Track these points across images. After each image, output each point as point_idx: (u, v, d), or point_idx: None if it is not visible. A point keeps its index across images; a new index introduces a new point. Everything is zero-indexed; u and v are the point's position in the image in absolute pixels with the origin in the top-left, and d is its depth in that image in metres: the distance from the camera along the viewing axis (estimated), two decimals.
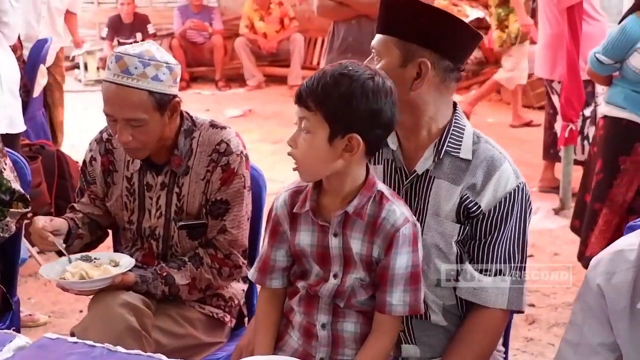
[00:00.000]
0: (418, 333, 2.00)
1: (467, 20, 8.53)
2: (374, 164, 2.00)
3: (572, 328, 1.83)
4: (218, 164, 2.27)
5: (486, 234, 1.92)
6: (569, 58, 4.69)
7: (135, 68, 2.13)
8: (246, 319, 2.54)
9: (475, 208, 1.90)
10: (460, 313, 2.01)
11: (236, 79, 9.94)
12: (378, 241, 1.79)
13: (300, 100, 1.74)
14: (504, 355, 2.18)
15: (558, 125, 5.08)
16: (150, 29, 9.68)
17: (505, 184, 1.90)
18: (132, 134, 2.17)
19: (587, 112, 5.10)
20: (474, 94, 7.71)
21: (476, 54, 8.76)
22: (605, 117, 3.96)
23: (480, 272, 1.93)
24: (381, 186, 1.83)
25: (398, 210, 1.80)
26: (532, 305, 3.84)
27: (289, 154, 1.77)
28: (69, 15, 6.16)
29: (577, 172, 4.88)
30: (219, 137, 2.30)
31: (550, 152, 5.44)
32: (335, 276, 1.84)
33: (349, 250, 1.81)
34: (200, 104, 8.60)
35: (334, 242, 1.82)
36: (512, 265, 1.93)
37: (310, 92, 1.72)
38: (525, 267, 1.98)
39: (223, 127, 2.34)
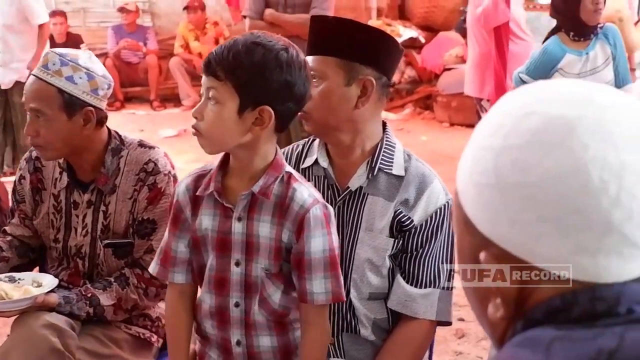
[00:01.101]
0: (347, 347, 2.03)
1: (400, 40, 8.68)
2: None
3: None
4: (145, 183, 2.26)
5: (417, 247, 1.97)
6: (497, 77, 4.82)
7: (54, 64, 2.17)
8: None
9: (408, 222, 1.95)
10: (389, 328, 2.04)
11: (171, 99, 9.89)
12: (287, 224, 1.73)
13: (208, 69, 1.65)
14: None
15: None
16: (84, 49, 9.58)
17: (436, 199, 1.96)
18: (37, 129, 2.19)
19: None
20: None
21: (410, 72, 8.90)
22: None
23: (411, 284, 1.98)
24: (289, 168, 1.79)
25: (306, 191, 1.74)
26: (461, 319, 3.90)
27: (193, 126, 1.68)
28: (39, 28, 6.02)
29: None
30: (146, 156, 2.29)
31: None
32: (237, 264, 1.77)
33: (252, 237, 1.75)
34: (134, 124, 8.53)
35: (237, 227, 1.75)
36: (441, 277, 1.99)
37: (220, 60, 1.63)
38: (452, 279, 2.03)
39: (151, 147, 2.33)
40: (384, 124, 2.03)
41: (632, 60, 5.56)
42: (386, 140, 1.99)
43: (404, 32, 8.89)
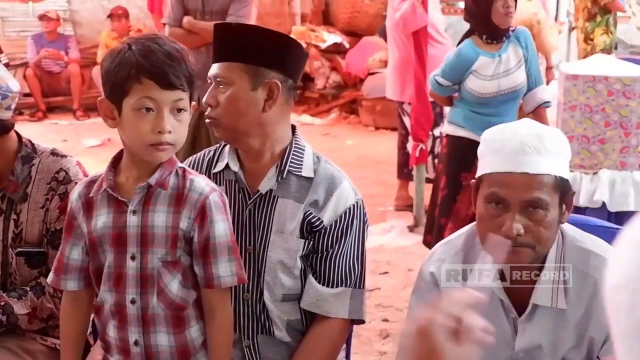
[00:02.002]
0: (262, 349, 2.05)
1: (324, 45, 8.75)
2: (217, 185, 2.05)
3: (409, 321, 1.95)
4: (57, 192, 2.24)
5: (327, 248, 2.01)
6: (417, 80, 4.88)
7: None
8: (92, 348, 2.50)
9: (318, 223, 1.99)
10: (303, 329, 2.07)
11: (95, 108, 9.53)
12: (185, 211, 1.80)
13: None
14: None
15: (410, 145, 5.26)
16: (3, 59, 9.38)
17: (346, 200, 2.01)
18: None
19: (437, 132, 5.30)
20: None
21: (335, 77, 8.96)
22: (447, 135, 4.15)
23: (323, 283, 2.01)
24: (181, 164, 1.86)
25: (202, 181, 1.84)
26: (386, 320, 3.96)
27: None
28: None
29: (430, 190, 5.08)
30: (58, 165, 2.27)
31: (404, 171, 5.62)
32: (133, 258, 1.81)
33: (147, 228, 1.80)
34: (57, 134, 8.39)
35: (132, 221, 1.80)
36: (353, 276, 2.03)
37: None
38: (364, 278, 2.08)
39: (63, 156, 2.31)
40: (294, 128, 2.08)
41: (549, 61, 5.72)
42: (295, 143, 2.03)
43: (328, 38, 8.95)
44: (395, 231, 5.21)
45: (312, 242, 2.02)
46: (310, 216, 1.99)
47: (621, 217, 3.36)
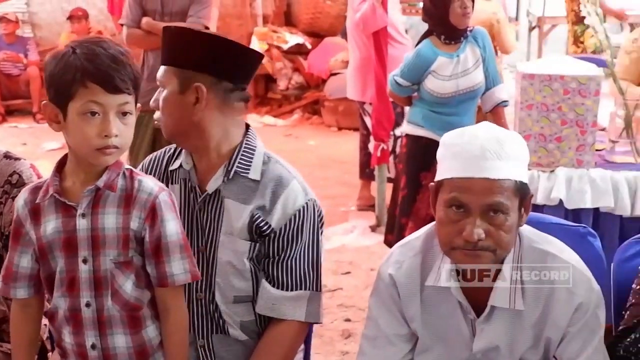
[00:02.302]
0: (217, 348, 2.05)
1: (286, 47, 8.74)
2: (172, 183, 2.05)
3: (369, 323, 1.97)
4: (10, 195, 2.21)
5: (279, 251, 1.99)
6: (377, 80, 4.91)
7: None
8: (50, 353, 2.48)
9: (266, 227, 1.98)
10: (258, 329, 2.07)
11: None
12: (135, 211, 1.81)
13: None
14: None
15: (371, 146, 5.27)
16: None
17: (294, 201, 1.99)
18: None
19: (398, 132, 5.32)
20: None
21: (297, 78, 8.95)
22: (407, 135, 4.18)
23: (278, 287, 2.00)
24: (128, 165, 1.87)
25: (151, 181, 1.86)
26: (348, 320, 3.97)
27: None
28: None
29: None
30: (11, 168, 2.24)
31: (366, 171, 5.64)
32: (84, 261, 1.81)
33: (98, 231, 1.80)
34: (16, 138, 8.28)
35: (82, 224, 1.80)
36: (309, 279, 2.02)
37: None
38: (321, 280, 2.07)
39: (17, 159, 2.29)
40: (248, 127, 2.06)
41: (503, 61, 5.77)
42: (246, 143, 2.02)
43: (290, 39, 8.94)
44: (358, 231, 5.23)
45: (262, 246, 2.01)
46: (259, 220, 1.98)
47: (578, 214, 3.39)
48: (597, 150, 3.54)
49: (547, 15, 8.83)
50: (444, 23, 3.91)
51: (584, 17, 4.63)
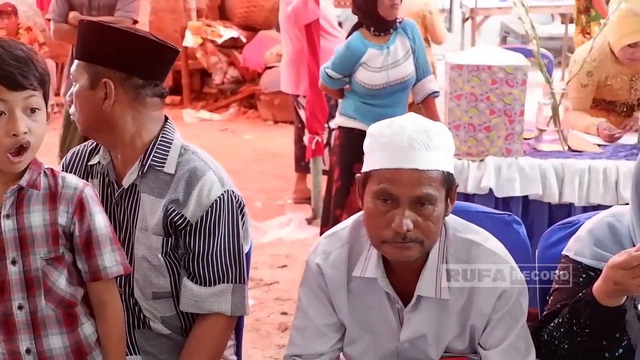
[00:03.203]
0: (141, 342, 2.03)
1: (221, 40, 8.67)
2: (91, 177, 2.03)
3: (298, 314, 1.98)
4: None
5: (199, 245, 1.96)
6: (310, 73, 4.90)
7: None
8: None
9: (181, 220, 1.95)
10: (182, 323, 2.05)
11: None
12: (62, 207, 1.79)
13: None
14: None
15: (306, 138, 5.27)
16: None
17: (209, 193, 1.96)
18: None
19: (332, 124, 5.33)
20: None
21: (232, 72, 8.89)
22: (340, 127, 4.19)
23: (200, 283, 1.98)
24: (48, 165, 1.84)
25: (73, 178, 1.84)
26: (284, 313, 3.97)
27: None
28: None
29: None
30: None
31: (302, 164, 5.64)
32: (13, 262, 1.77)
33: (24, 230, 1.77)
34: None
35: (7, 225, 1.76)
36: (231, 272, 2.00)
37: None
38: (244, 272, 2.04)
39: None
40: (166, 120, 2.04)
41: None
42: (162, 137, 2.00)
43: (224, 33, 8.87)
44: (294, 224, 5.23)
45: (175, 241, 1.97)
46: (173, 214, 1.95)
47: (508, 203, 3.45)
48: (525, 139, 3.60)
49: (479, 6, 8.92)
50: (373, 15, 3.93)
51: (588, 8, 4.68)
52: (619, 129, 3.75)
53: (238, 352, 2.28)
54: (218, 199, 1.96)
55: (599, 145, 3.65)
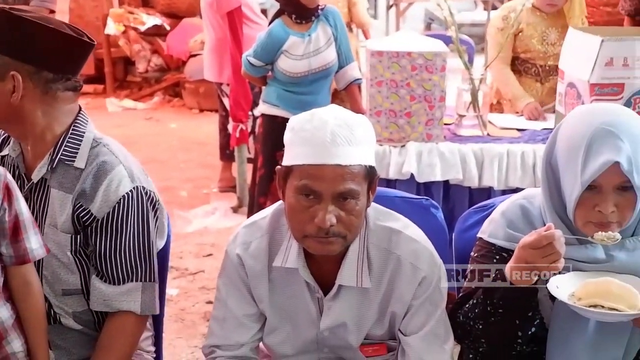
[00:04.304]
0: (53, 337, 1.97)
1: (143, 28, 8.55)
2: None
3: (218, 304, 1.97)
4: None
5: (106, 242, 1.91)
6: (233, 61, 4.87)
7: None
8: None
9: (88, 216, 1.90)
10: (94, 318, 2.02)
11: None
12: None
13: None
14: (154, 355, 2.21)
15: (231, 126, 5.24)
16: None
17: (117, 187, 1.90)
18: None
19: (256, 112, 5.31)
20: None
21: (156, 60, 8.79)
22: (263, 115, 4.19)
23: (109, 282, 1.93)
24: None
25: None
26: (210, 302, 3.94)
27: None
28: None
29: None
30: None
31: (226, 152, 5.61)
32: None
33: None
34: None
35: None
36: (141, 270, 1.95)
37: None
38: (155, 270, 1.99)
39: None
40: (79, 112, 1.98)
41: (367, 36, 5.84)
42: (73, 131, 1.94)
43: (147, 20, 8.74)
44: (219, 213, 5.21)
45: (84, 238, 1.92)
46: (80, 209, 1.90)
47: (429, 187, 3.49)
48: (445, 124, 3.65)
49: None
50: (294, 2, 3.92)
51: None
52: (542, 112, 3.87)
53: (158, 343, 2.26)
54: (126, 195, 1.91)
55: (517, 130, 3.73)
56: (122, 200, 1.90)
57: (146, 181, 1.98)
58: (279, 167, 1.83)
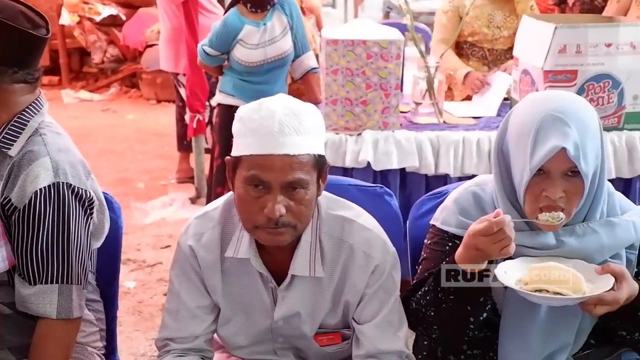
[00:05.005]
0: None
1: (99, 18, 8.44)
2: None
3: (170, 296, 1.95)
4: None
5: (23, 234, 1.83)
6: (189, 51, 4.84)
7: None
8: None
9: (9, 205, 1.83)
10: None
11: None
12: None
13: None
14: (103, 351, 2.16)
15: (188, 117, 5.20)
16: None
17: (34, 179, 1.82)
18: None
19: (213, 102, 5.28)
20: None
21: (112, 51, 8.70)
22: (219, 104, 4.17)
23: (24, 279, 1.85)
24: None
25: None
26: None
27: None
28: None
29: None
30: None
31: (184, 143, 5.57)
32: None
33: None
34: None
35: None
36: (56, 270, 1.85)
37: None
38: (76, 272, 1.88)
39: None
40: (33, 103, 1.91)
41: (319, 24, 5.83)
42: (17, 119, 1.88)
43: (103, 10, 8.63)
44: (177, 204, 5.17)
45: (11, 229, 1.84)
46: (5, 199, 1.83)
47: (386, 175, 3.49)
48: (402, 112, 3.66)
49: None
50: None
51: None
52: (484, 78, 3.94)
53: (111, 339, 2.22)
54: (43, 189, 1.81)
55: (473, 117, 3.75)
56: (38, 193, 1.81)
57: (78, 178, 1.88)
58: (228, 157, 1.82)
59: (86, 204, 1.90)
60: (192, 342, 1.94)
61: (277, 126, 1.71)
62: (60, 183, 1.83)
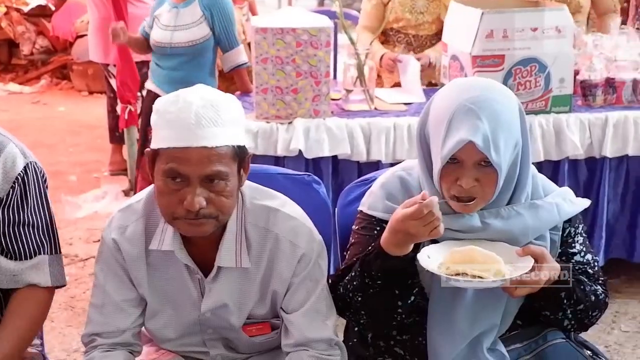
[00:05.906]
0: None
1: (27, 9, 8.27)
2: None
3: (96, 291, 1.94)
4: None
5: (9, 219, 1.89)
6: None
7: None
8: None
9: None
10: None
11: None
12: None
13: None
14: (40, 348, 2.14)
15: (119, 108, 5.13)
16: None
17: (13, 165, 1.88)
18: None
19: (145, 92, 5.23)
20: None
21: (42, 42, 8.52)
22: (148, 91, 4.19)
23: (15, 258, 1.91)
24: None
25: None
26: None
27: None
28: None
29: None
30: None
31: (116, 135, 5.49)
32: None
33: None
34: None
35: None
36: (45, 242, 1.94)
37: None
38: (57, 241, 1.99)
39: None
40: None
41: (253, 10, 5.79)
42: None
43: (31, 0, 8.47)
44: (110, 197, 5.10)
45: None
46: None
47: (318, 163, 3.49)
48: (333, 99, 3.66)
49: None
50: None
51: None
52: (396, 57, 4.00)
53: (42, 336, 2.19)
54: (23, 171, 1.89)
55: (404, 104, 3.77)
56: (19, 176, 1.89)
57: (36, 158, 1.97)
58: (147, 150, 1.79)
59: (46, 181, 1.99)
60: (119, 336, 1.92)
61: (194, 118, 1.68)
62: (30, 162, 1.92)
